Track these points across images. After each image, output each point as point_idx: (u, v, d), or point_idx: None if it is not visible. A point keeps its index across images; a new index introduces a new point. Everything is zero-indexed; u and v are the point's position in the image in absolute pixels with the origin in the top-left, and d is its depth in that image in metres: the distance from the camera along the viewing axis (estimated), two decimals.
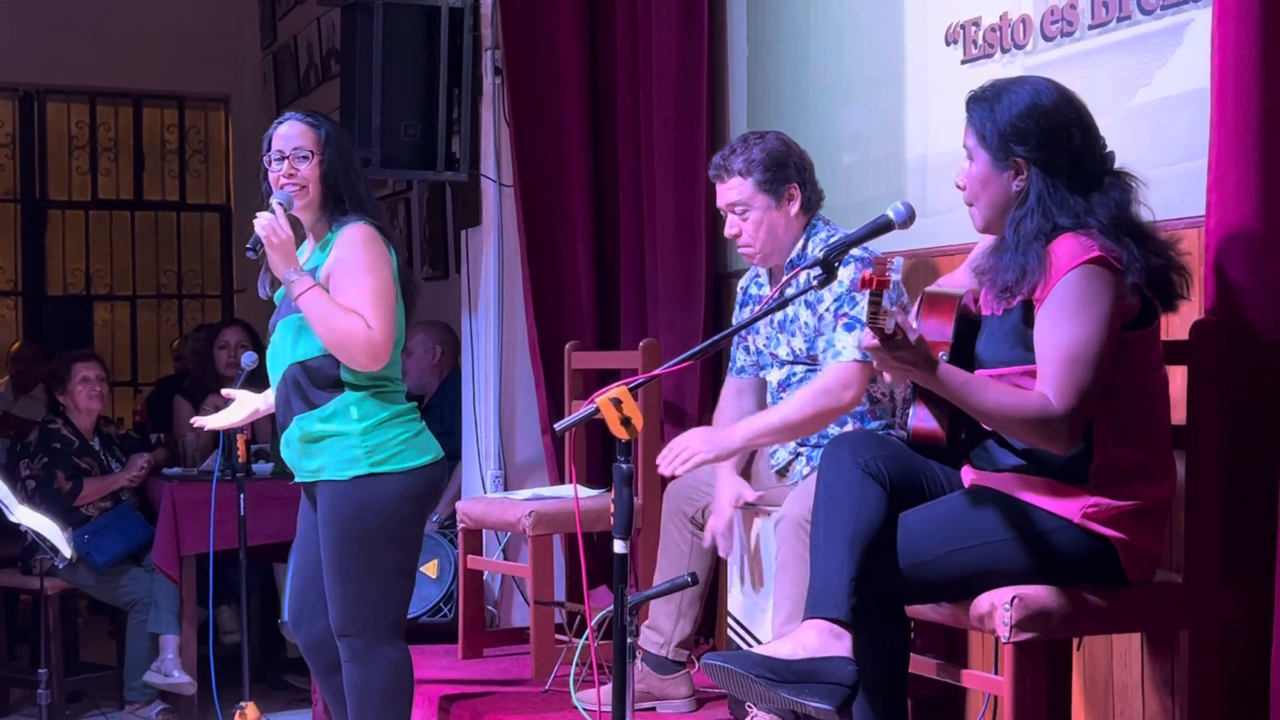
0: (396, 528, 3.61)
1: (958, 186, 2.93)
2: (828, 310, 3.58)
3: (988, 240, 2.98)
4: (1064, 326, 2.68)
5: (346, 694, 3.68)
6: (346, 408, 3.57)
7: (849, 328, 3.52)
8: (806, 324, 3.64)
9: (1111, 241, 2.71)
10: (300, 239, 3.68)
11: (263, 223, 3.52)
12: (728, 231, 3.74)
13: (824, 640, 2.72)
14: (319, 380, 3.58)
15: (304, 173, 3.61)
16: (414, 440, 3.64)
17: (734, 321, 3.92)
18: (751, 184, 3.66)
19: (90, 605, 6.67)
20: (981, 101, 2.87)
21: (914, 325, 2.79)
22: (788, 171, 3.67)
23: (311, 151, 3.61)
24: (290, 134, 3.63)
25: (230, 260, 10.72)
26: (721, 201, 3.73)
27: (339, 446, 3.57)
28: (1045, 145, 2.79)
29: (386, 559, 3.61)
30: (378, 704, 3.63)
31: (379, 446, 3.57)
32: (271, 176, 3.65)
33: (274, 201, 3.58)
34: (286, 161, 3.62)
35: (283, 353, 3.66)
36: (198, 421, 4.10)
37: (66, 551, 4.45)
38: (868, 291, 2.52)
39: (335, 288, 3.54)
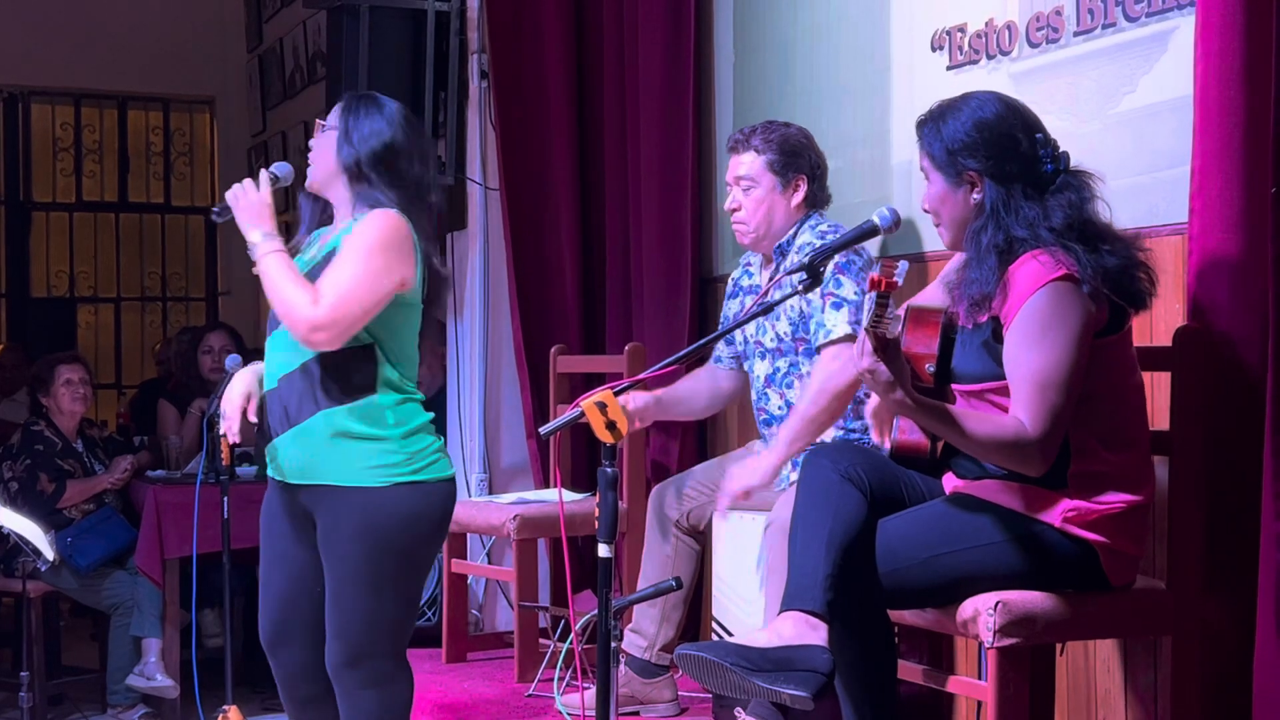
0: (428, 542, 3.29)
1: (924, 210, 2.97)
2: (815, 293, 3.61)
3: (960, 256, 3.00)
4: (1033, 351, 2.69)
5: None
6: (382, 410, 3.21)
7: (836, 306, 3.59)
8: (791, 306, 3.67)
9: (1063, 253, 2.72)
10: (328, 220, 3.41)
11: (235, 187, 3.28)
12: (728, 205, 3.83)
13: (799, 630, 2.72)
14: (356, 376, 3.21)
15: (317, 147, 3.40)
16: (443, 450, 3.32)
17: (724, 310, 4.01)
18: (763, 162, 3.76)
19: (73, 608, 6.65)
20: (928, 123, 2.92)
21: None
22: (800, 162, 3.78)
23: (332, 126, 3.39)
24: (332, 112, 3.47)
25: (214, 263, 10.70)
26: (731, 174, 3.82)
27: (377, 450, 3.19)
28: (994, 156, 2.82)
29: (414, 574, 3.29)
30: None
31: (418, 454, 3.23)
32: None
33: (267, 170, 3.36)
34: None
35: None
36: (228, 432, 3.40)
37: (49, 554, 4.44)
38: (874, 294, 2.52)
39: (331, 264, 3.22)
